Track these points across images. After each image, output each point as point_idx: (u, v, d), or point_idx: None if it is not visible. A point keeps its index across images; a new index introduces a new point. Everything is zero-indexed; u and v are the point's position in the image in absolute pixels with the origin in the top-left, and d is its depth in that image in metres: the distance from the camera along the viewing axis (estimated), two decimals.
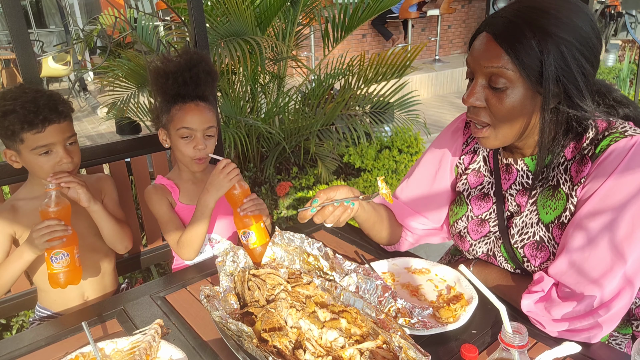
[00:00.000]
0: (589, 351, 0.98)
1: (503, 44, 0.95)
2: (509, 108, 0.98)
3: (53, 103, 1.35)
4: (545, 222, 1.07)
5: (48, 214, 1.25)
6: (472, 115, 1.05)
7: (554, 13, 0.94)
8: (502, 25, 0.96)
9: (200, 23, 1.81)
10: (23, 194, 1.45)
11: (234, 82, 3.65)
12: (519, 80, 0.96)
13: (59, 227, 1.24)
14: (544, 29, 0.93)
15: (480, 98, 1.01)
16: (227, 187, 1.36)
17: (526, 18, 0.94)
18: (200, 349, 1.04)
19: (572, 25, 0.93)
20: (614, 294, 0.95)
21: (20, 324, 2.19)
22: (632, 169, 0.94)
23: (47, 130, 1.32)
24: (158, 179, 1.59)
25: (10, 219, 1.40)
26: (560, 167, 1.05)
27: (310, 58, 6.92)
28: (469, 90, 1.03)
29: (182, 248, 1.45)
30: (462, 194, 1.26)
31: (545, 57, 0.92)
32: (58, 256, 1.26)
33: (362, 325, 0.99)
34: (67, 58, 7.13)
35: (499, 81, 0.97)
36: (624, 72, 6.45)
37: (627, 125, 1.00)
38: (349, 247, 1.46)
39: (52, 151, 1.35)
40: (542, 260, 1.08)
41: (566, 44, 0.93)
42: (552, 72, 0.93)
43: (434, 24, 8.51)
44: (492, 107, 1.00)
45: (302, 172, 3.81)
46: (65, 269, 1.27)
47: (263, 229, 1.36)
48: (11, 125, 1.29)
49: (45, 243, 1.23)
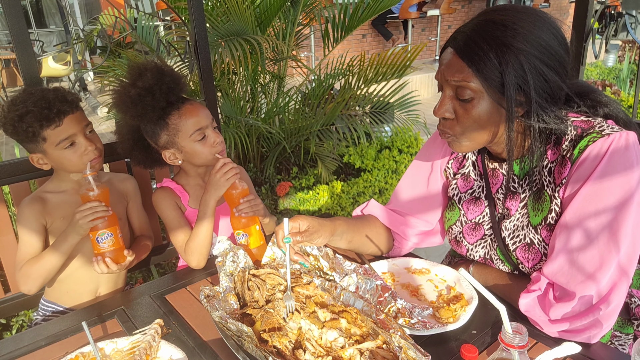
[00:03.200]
0: (589, 351, 0.97)
1: (464, 58, 0.99)
2: (476, 118, 1.02)
3: (61, 95, 1.38)
4: (534, 224, 1.09)
5: (88, 198, 1.33)
6: (441, 125, 1.09)
7: (510, 25, 0.97)
8: (463, 41, 1.00)
9: (200, 23, 1.81)
10: (50, 187, 1.48)
11: (234, 82, 3.65)
12: (482, 92, 0.99)
13: (101, 208, 1.32)
14: (502, 42, 0.96)
15: (449, 110, 1.05)
16: (225, 187, 1.35)
17: (484, 32, 0.98)
18: (200, 349, 1.04)
19: (531, 36, 0.96)
20: (611, 286, 0.96)
21: (20, 324, 2.19)
22: (612, 167, 0.96)
23: (64, 122, 1.36)
24: (165, 182, 1.55)
25: (41, 209, 1.43)
26: (544, 169, 1.07)
27: (310, 58, 6.92)
28: (438, 103, 1.07)
29: (189, 255, 1.42)
30: (453, 199, 1.28)
31: (504, 68, 0.96)
32: (103, 236, 1.34)
33: (362, 325, 0.99)
34: (67, 58, 7.13)
35: (465, 93, 1.00)
36: (624, 73, 6.45)
37: (605, 124, 1.02)
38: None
39: (75, 142, 1.39)
40: (535, 262, 1.10)
41: (525, 54, 0.96)
42: (512, 82, 0.96)
43: (434, 24, 8.52)
44: (460, 117, 1.04)
45: (302, 172, 3.81)
46: (111, 247, 1.36)
47: (258, 232, 1.36)
48: (30, 126, 1.32)
49: (89, 223, 1.31)
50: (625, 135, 0.97)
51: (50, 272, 1.40)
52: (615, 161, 0.96)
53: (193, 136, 1.40)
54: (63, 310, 1.53)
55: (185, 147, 1.43)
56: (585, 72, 6.99)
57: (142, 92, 1.35)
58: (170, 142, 1.43)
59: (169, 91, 1.38)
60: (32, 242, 1.41)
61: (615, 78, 6.84)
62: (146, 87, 1.35)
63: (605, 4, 7.98)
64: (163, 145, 1.44)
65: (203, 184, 1.56)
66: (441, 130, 1.10)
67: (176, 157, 1.46)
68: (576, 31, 1.98)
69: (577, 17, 1.98)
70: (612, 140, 0.97)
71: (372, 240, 1.35)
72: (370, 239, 1.34)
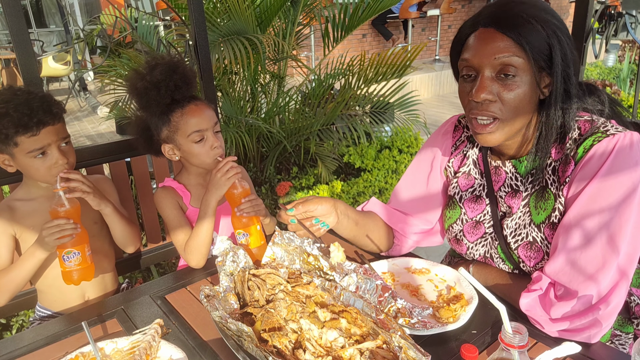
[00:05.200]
0: (589, 351, 0.98)
1: (509, 33, 0.98)
2: (520, 97, 1.01)
3: (47, 105, 1.32)
4: (537, 222, 1.09)
5: (58, 214, 1.27)
6: (482, 110, 1.03)
7: (540, 5, 1.01)
8: (503, 17, 1.00)
9: (200, 22, 1.81)
10: (20, 194, 1.44)
11: (234, 81, 3.65)
12: (527, 68, 0.99)
13: (68, 226, 1.26)
14: (540, 17, 0.98)
15: (492, 91, 1.01)
16: (226, 187, 1.35)
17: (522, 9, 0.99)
18: (200, 349, 1.04)
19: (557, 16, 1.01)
20: (611, 287, 0.96)
21: (20, 323, 2.19)
22: (617, 166, 0.96)
23: (41, 132, 1.30)
24: (167, 181, 1.55)
25: (9, 218, 1.40)
26: (547, 167, 1.07)
27: (311, 58, 6.92)
28: (478, 86, 1.01)
29: (189, 254, 1.42)
30: (454, 197, 1.28)
31: (552, 40, 0.98)
32: (70, 255, 1.29)
33: (362, 325, 0.99)
34: (67, 58, 7.13)
35: (509, 69, 0.98)
36: (624, 72, 6.45)
37: (609, 124, 1.02)
38: (349, 247, 1.46)
39: (47, 153, 1.34)
40: (537, 260, 1.10)
41: (560, 31, 0.99)
42: (559, 55, 0.98)
43: (434, 24, 8.51)
44: (503, 98, 1.01)
45: (302, 172, 3.81)
46: (78, 267, 1.31)
47: (259, 232, 1.36)
48: (4, 129, 1.27)
49: (56, 241, 1.26)
50: (630, 135, 0.98)
51: (18, 286, 1.36)
52: (620, 161, 0.96)
53: (191, 136, 1.41)
54: (55, 315, 1.51)
55: (183, 146, 1.44)
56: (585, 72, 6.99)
57: (148, 86, 1.38)
58: (170, 138, 1.45)
59: (176, 89, 1.40)
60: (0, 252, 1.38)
61: (615, 78, 6.83)
62: (153, 82, 1.38)
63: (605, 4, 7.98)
64: (163, 139, 1.47)
65: (205, 183, 1.56)
66: (479, 117, 1.04)
67: (174, 153, 1.48)
68: (576, 31, 1.99)
69: (577, 17, 1.98)
70: (618, 139, 0.97)
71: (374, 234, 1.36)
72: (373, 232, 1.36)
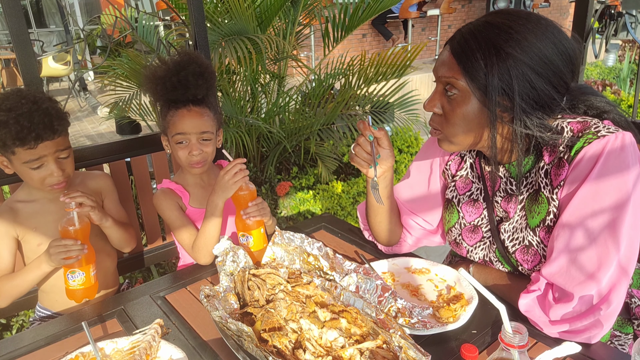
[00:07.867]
0: (589, 351, 0.98)
1: (455, 56, 1.04)
2: (461, 116, 1.06)
3: (49, 119, 1.29)
4: (532, 226, 1.09)
5: (67, 233, 1.28)
6: (431, 121, 1.14)
7: (506, 29, 0.99)
8: (457, 39, 1.05)
9: (200, 23, 1.81)
10: (21, 196, 1.44)
11: (234, 81, 3.65)
12: (469, 92, 1.03)
13: (76, 247, 1.26)
14: (492, 44, 0.99)
15: (437, 105, 1.10)
16: (233, 189, 1.34)
17: (479, 33, 1.02)
18: (200, 348, 1.04)
19: (525, 43, 0.98)
20: (610, 287, 0.96)
21: (20, 323, 2.19)
22: (608, 169, 0.96)
23: (39, 147, 1.29)
24: (165, 183, 1.57)
25: (11, 220, 1.40)
26: (540, 171, 1.07)
27: (311, 58, 6.92)
28: (429, 97, 1.12)
29: (197, 252, 1.42)
30: (452, 201, 1.28)
31: (488, 70, 0.99)
32: (74, 274, 1.30)
33: (362, 325, 0.99)
34: (67, 58, 7.13)
35: (452, 90, 1.05)
36: (624, 72, 6.45)
37: (601, 124, 1.01)
38: (349, 247, 1.46)
39: (44, 165, 1.33)
40: (534, 263, 1.10)
41: (513, 59, 0.98)
42: (495, 85, 0.99)
43: (434, 24, 8.51)
44: (447, 114, 1.08)
45: (302, 172, 3.81)
46: (81, 286, 1.31)
47: (262, 235, 1.36)
48: (3, 137, 1.27)
49: (62, 261, 1.27)
50: (621, 136, 0.97)
51: (21, 293, 1.37)
52: (611, 163, 0.96)
53: (174, 137, 1.46)
54: (55, 315, 1.51)
55: (170, 143, 1.51)
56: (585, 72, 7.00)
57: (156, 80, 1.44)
58: (164, 132, 1.52)
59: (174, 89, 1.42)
60: (2, 255, 1.38)
61: (615, 78, 6.84)
62: (161, 77, 1.42)
63: (605, 4, 7.98)
64: (162, 130, 1.53)
65: (203, 183, 1.57)
66: (431, 126, 1.14)
67: (167, 147, 1.54)
68: (576, 31, 1.99)
69: (577, 17, 1.98)
70: (607, 141, 0.97)
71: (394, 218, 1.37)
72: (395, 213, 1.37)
